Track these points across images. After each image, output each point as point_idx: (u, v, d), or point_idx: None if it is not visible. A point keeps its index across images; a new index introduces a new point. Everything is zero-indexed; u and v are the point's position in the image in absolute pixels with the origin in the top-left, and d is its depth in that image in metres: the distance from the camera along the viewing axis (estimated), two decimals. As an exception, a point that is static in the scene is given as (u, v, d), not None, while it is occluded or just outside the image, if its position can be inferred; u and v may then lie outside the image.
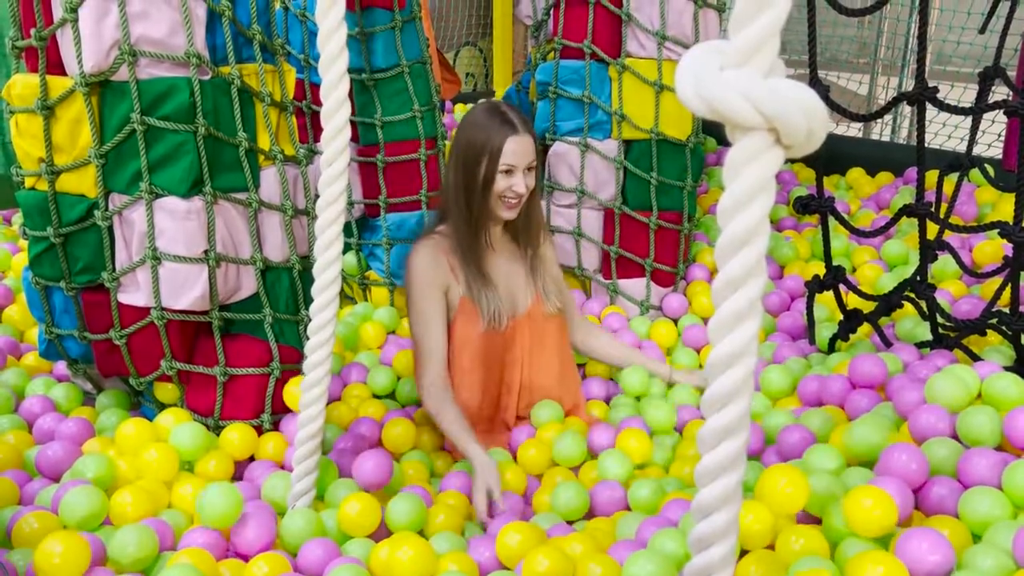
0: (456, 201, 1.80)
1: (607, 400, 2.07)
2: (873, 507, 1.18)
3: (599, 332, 2.14)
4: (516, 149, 1.75)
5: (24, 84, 1.60)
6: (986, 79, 1.94)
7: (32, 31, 1.56)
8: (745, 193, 0.71)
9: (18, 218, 3.10)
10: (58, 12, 1.54)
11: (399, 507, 1.45)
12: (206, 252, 1.63)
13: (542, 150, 2.29)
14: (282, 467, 1.66)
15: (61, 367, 2.01)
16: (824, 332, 2.06)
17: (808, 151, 0.72)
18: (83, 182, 1.62)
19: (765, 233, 0.72)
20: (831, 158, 3.37)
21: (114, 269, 1.65)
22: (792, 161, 3.35)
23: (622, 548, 1.34)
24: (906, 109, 3.86)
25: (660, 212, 2.40)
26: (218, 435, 1.71)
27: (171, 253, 1.60)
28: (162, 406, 1.80)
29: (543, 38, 2.50)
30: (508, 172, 1.76)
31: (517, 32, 5.21)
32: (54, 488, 1.50)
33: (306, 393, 1.38)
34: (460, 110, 4.35)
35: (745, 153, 0.71)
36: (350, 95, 1.28)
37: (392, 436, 1.77)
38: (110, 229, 1.63)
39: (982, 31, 2.15)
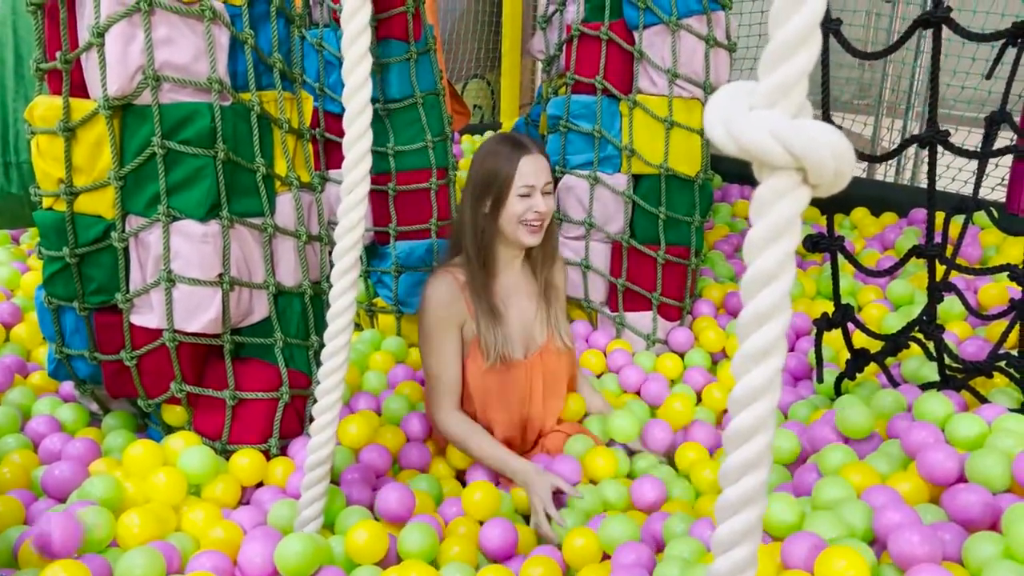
0: (472, 233, 1.78)
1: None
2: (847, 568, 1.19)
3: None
4: (531, 168, 1.74)
5: (46, 106, 1.62)
6: (993, 123, 1.97)
7: (57, 54, 1.59)
8: (772, 230, 0.73)
9: (26, 237, 3.11)
10: (84, 36, 1.56)
11: (412, 536, 1.45)
12: (220, 275, 1.64)
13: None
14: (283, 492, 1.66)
15: (67, 387, 2.01)
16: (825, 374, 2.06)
17: (834, 191, 0.74)
18: (101, 203, 1.64)
19: (791, 270, 0.73)
20: (836, 197, 3.38)
21: (128, 290, 1.66)
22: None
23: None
24: (910, 151, 3.90)
25: (667, 247, 2.41)
26: (226, 459, 1.71)
27: (186, 276, 1.61)
28: (169, 428, 1.80)
29: (555, 73, 2.54)
30: (527, 195, 1.74)
31: (524, 65, 5.28)
32: (60, 508, 1.49)
33: (318, 418, 1.38)
34: (468, 141, 4.39)
35: (773, 191, 0.72)
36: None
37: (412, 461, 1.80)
38: (126, 251, 1.64)
39: (988, 77, 2.18)
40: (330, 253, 1.36)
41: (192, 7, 1.54)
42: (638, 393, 2.23)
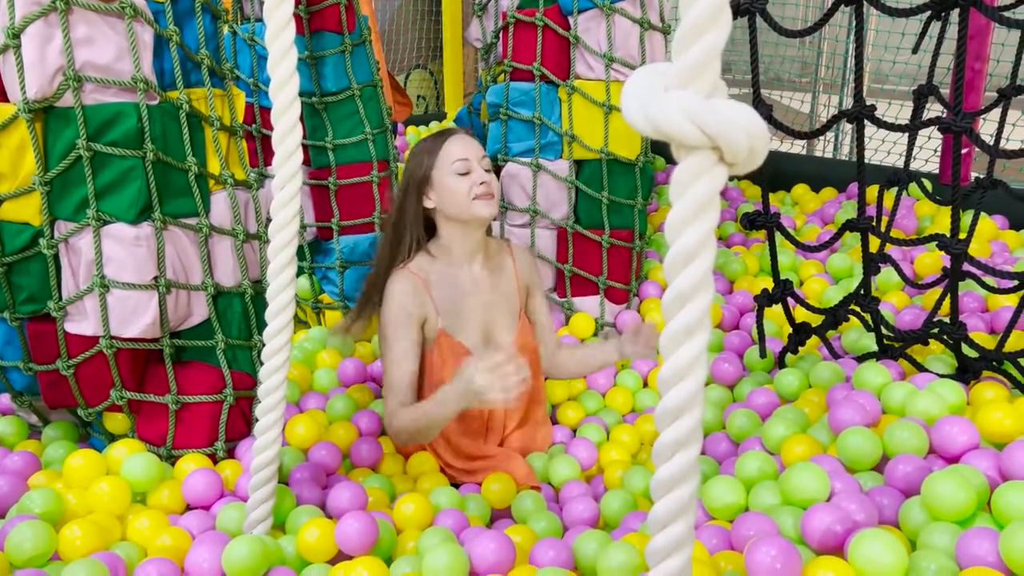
0: (412, 229, 1.77)
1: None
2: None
3: (564, 348, 2.05)
4: (460, 145, 1.75)
5: (-35, 111, 1.57)
6: (920, 97, 2.02)
7: (-28, 58, 1.54)
8: (691, 210, 0.73)
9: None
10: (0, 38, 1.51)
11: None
12: (156, 279, 1.61)
13: (494, 171, 2.30)
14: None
15: (5, 399, 1.96)
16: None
17: (751, 168, 0.74)
18: (27, 210, 1.59)
19: (712, 248, 0.74)
20: (776, 175, 3.46)
21: (60, 298, 1.62)
22: (739, 178, 3.44)
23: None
24: (847, 126, 3.97)
25: (612, 230, 2.43)
26: (172, 464, 1.68)
27: (120, 280, 1.57)
28: (112, 437, 1.76)
29: (493, 61, 2.53)
30: (465, 172, 1.72)
31: (467, 54, 5.25)
32: (0, 524, 1.46)
33: (262, 419, 1.37)
34: (412, 132, 4.36)
35: (690, 171, 0.73)
36: (301, 118, 1.28)
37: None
38: (56, 257, 1.60)
39: (915, 51, 2.23)
40: (269, 251, 1.34)
41: (112, 5, 1.50)
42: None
